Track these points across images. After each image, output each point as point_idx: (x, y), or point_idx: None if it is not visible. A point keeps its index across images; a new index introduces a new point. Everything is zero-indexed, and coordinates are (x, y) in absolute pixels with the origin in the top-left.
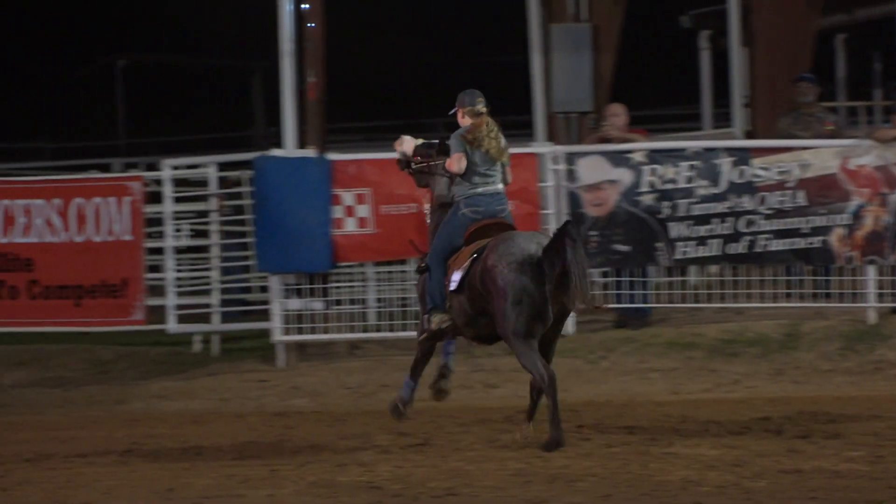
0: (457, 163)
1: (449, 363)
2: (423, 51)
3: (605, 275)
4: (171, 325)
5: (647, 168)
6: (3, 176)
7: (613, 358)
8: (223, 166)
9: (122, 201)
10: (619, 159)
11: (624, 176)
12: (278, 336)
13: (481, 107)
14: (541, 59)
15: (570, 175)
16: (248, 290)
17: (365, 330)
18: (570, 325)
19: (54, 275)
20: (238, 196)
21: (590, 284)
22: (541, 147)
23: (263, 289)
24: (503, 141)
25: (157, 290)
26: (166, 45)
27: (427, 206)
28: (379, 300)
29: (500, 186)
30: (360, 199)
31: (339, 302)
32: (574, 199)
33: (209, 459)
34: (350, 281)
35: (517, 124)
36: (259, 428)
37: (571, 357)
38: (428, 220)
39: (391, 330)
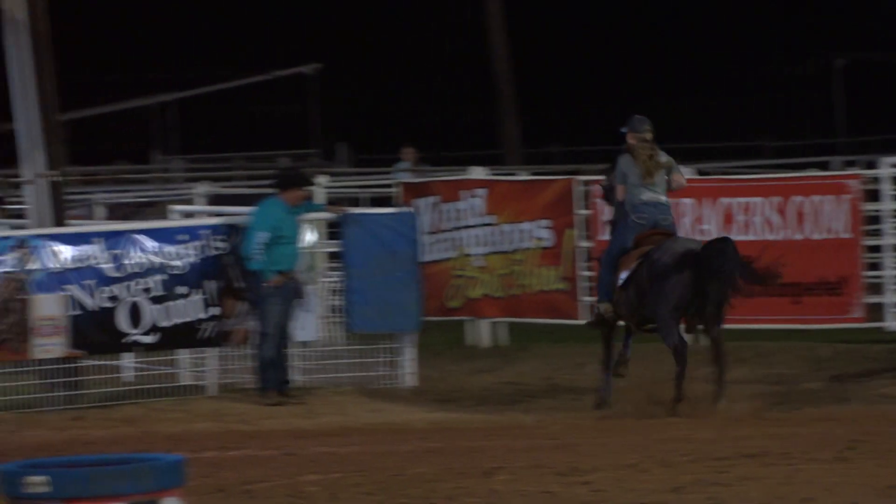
0: (619, 193)
1: (627, 353)
2: None
3: None
4: (890, 323)
5: None
6: (725, 174)
7: None
8: None
9: (840, 199)
10: None
11: None
12: None
13: (647, 134)
14: None
15: None
16: None
17: None
18: None
19: None
20: None
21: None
22: None
23: None
24: (663, 158)
25: (876, 288)
26: (887, 44)
27: None
28: None
29: (663, 198)
30: None
31: None
32: None
33: None
34: None
35: None
36: None
37: None
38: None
39: None
